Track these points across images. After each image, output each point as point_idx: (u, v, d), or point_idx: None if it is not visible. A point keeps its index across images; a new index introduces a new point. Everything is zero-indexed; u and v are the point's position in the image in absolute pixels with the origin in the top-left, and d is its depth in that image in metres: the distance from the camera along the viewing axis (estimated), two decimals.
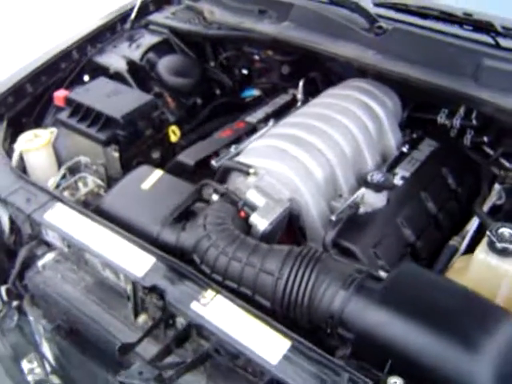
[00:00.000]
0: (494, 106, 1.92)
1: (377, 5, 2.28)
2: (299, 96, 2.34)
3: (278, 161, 1.83)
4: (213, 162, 1.97)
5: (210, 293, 1.54)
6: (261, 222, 1.68)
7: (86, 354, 1.84)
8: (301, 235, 1.86)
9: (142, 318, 1.63)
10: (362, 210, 1.81)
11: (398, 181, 1.93)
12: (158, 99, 2.25)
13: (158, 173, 1.87)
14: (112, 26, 2.52)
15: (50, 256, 1.88)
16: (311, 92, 2.33)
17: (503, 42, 2.07)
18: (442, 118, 2.23)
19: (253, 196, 1.73)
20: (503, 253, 1.54)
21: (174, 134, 2.17)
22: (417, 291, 1.49)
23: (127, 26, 2.51)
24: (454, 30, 2.15)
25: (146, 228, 1.72)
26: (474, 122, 2.15)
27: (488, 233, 1.56)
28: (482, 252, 1.58)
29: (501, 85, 1.94)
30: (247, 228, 1.71)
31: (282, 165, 1.82)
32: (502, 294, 1.57)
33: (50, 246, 1.91)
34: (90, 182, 2.09)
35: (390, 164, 2.02)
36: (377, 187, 1.78)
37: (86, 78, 2.40)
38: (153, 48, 2.44)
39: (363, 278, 1.51)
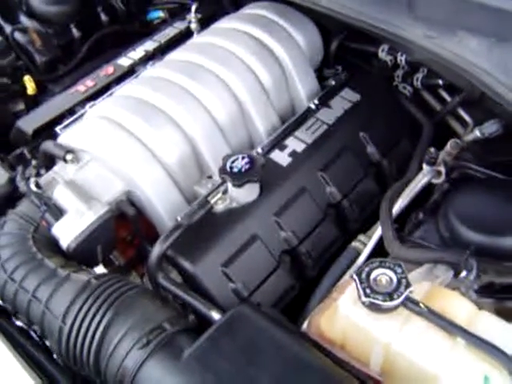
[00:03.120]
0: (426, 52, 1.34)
1: None
2: (193, 26, 1.77)
3: (109, 140, 1.35)
4: (58, 131, 1.53)
5: None
6: (64, 237, 1.25)
7: None
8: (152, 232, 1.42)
9: None
10: (220, 207, 1.33)
11: (284, 158, 1.41)
12: (20, 35, 1.78)
13: None
14: None
15: None
16: (214, 18, 1.76)
17: None
18: (383, 52, 1.63)
19: (61, 195, 1.29)
20: (374, 309, 1.05)
21: (29, 85, 1.71)
22: (231, 360, 1.03)
23: None
24: None
25: None
26: None
27: (355, 277, 1.06)
28: (347, 302, 1.09)
29: (441, 16, 1.34)
30: (54, 242, 1.29)
31: (114, 146, 1.35)
32: (374, 359, 1.09)
33: None
34: None
35: (286, 129, 1.48)
36: (236, 179, 1.28)
37: None
38: None
39: (173, 333, 1.09)
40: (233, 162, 1.29)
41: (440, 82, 1.57)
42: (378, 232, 1.33)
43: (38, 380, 1.14)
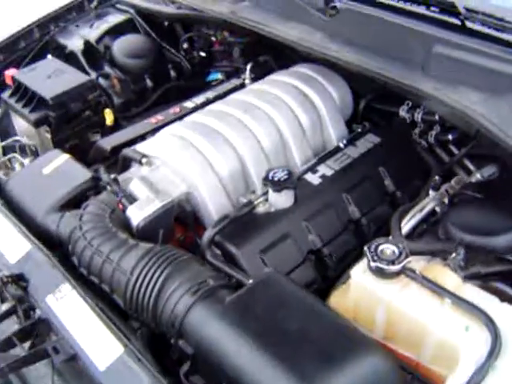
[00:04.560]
0: (437, 100, 1.67)
1: None
2: (247, 81, 2.17)
3: (177, 151, 1.70)
4: (124, 151, 1.88)
5: (66, 287, 1.46)
6: (135, 216, 1.56)
7: None
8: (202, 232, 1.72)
9: (5, 305, 1.57)
10: (261, 209, 1.63)
11: (315, 179, 1.73)
12: (103, 80, 2.18)
13: (63, 157, 1.79)
14: (79, 5, 2.47)
15: None
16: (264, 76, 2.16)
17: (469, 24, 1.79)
18: (403, 111, 1.98)
19: (136, 187, 1.62)
20: (379, 274, 1.33)
21: (108, 116, 2.09)
22: (268, 306, 1.30)
23: (93, 4, 2.44)
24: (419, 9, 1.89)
25: (33, 213, 1.66)
26: (437, 117, 1.90)
27: (365, 249, 1.34)
28: (358, 270, 1.37)
29: (447, 75, 1.69)
30: (126, 222, 1.60)
31: (181, 156, 1.69)
32: (379, 322, 1.35)
33: None
34: (25, 163, 2.06)
35: (317, 161, 1.81)
36: (276, 186, 1.59)
37: (49, 57, 2.37)
38: (115, 28, 2.37)
39: (217, 286, 1.36)
40: (274, 173, 1.61)
41: (450, 137, 1.90)
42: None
43: (123, 348, 1.31)
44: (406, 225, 1.61)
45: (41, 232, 1.61)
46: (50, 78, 2.07)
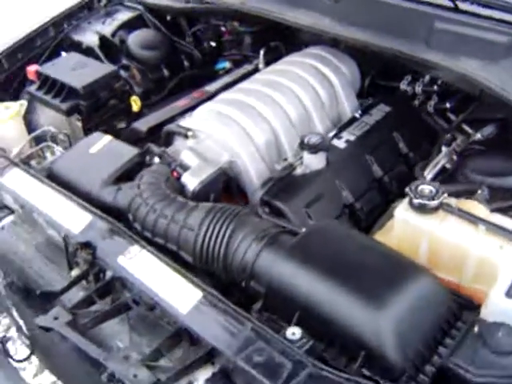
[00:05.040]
0: (445, 69, 1.90)
1: None
2: (260, 66, 2.37)
3: (218, 124, 1.87)
4: (168, 126, 2.04)
5: (135, 248, 1.60)
6: (191, 182, 1.73)
7: (36, 309, 1.93)
8: (242, 199, 1.89)
9: (75, 271, 1.70)
10: (299, 171, 1.83)
11: (341, 144, 1.94)
12: (123, 71, 2.33)
13: (106, 138, 1.94)
14: (89, 4, 2.62)
15: (8, 218, 1.99)
16: (276, 61, 2.35)
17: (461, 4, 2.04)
18: (404, 85, 2.21)
19: (187, 157, 1.79)
20: (421, 210, 1.53)
21: (135, 104, 2.24)
22: (328, 245, 1.50)
23: (103, 2, 2.59)
24: None
25: (88, 188, 1.80)
26: (436, 88, 2.14)
27: (407, 190, 1.55)
28: (401, 209, 1.57)
29: (449, 47, 1.92)
30: (180, 188, 1.76)
31: (222, 128, 1.86)
32: (422, 253, 1.56)
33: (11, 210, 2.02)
34: (56, 152, 2.18)
35: (339, 128, 2.02)
36: (312, 149, 1.79)
37: (63, 54, 2.49)
38: (126, 24, 2.52)
39: (277, 233, 1.54)
40: (309, 138, 1.81)
41: (448, 105, 2.15)
42: None
43: (201, 292, 1.46)
44: (427, 176, 1.84)
45: (97, 205, 1.74)
46: (75, 70, 2.21)
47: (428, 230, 1.53)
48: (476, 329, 1.33)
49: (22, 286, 1.94)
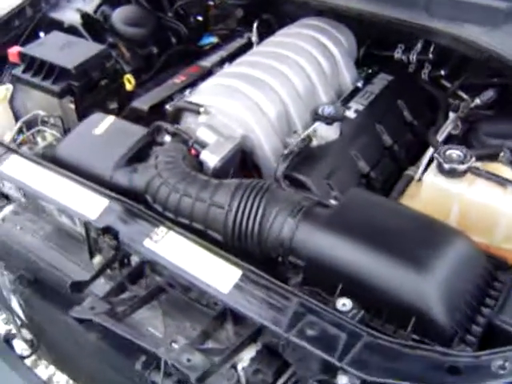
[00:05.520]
0: (448, 36, 1.91)
1: None
2: (254, 38, 2.32)
3: (229, 99, 1.83)
4: (167, 107, 1.97)
5: (162, 230, 1.54)
6: (211, 159, 1.69)
7: (50, 301, 1.85)
8: (256, 173, 1.86)
9: (97, 258, 1.64)
10: (315, 143, 1.81)
11: (351, 114, 1.93)
12: (112, 50, 2.23)
13: (110, 118, 1.86)
14: None
15: (8, 209, 1.89)
16: (267, 34, 2.31)
17: None
18: (398, 54, 2.23)
19: (203, 134, 1.74)
20: (451, 174, 1.55)
21: (129, 82, 2.16)
22: (364, 214, 1.49)
23: None
24: None
25: (100, 172, 1.72)
26: (431, 56, 2.16)
27: (436, 155, 1.57)
28: (430, 174, 1.59)
29: (450, 14, 1.94)
30: (199, 166, 1.72)
31: (233, 103, 1.82)
32: (453, 216, 1.58)
33: (9, 199, 1.92)
34: (48, 136, 2.08)
35: (345, 99, 2.02)
36: (327, 119, 1.78)
37: (42, 34, 2.37)
38: (107, 0, 2.42)
39: (311, 206, 1.52)
40: (323, 109, 1.79)
41: (442, 72, 2.17)
42: (426, 156, 1.86)
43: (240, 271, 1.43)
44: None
45: (110, 188, 1.67)
46: (63, 49, 2.10)
47: (458, 194, 1.55)
48: None
49: (33, 278, 1.86)
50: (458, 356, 1.25)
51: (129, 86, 2.16)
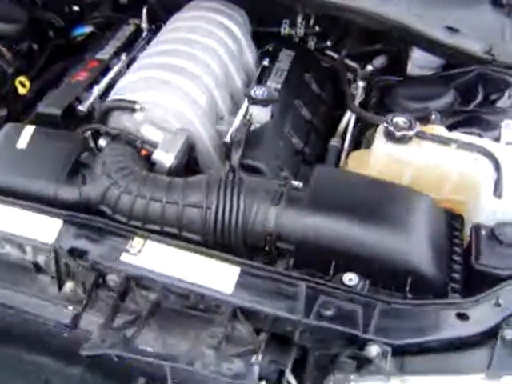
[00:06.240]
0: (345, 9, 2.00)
1: None
2: (144, 25, 2.20)
3: (161, 92, 1.74)
4: (80, 108, 1.81)
5: (137, 240, 1.45)
6: (166, 157, 1.61)
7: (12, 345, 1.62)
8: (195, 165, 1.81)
9: (68, 285, 1.47)
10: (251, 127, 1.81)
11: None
12: None
13: (29, 128, 1.65)
14: None
15: None
16: (153, 20, 2.22)
17: None
18: (285, 29, 2.28)
19: (148, 132, 1.65)
20: (401, 140, 1.66)
21: (22, 86, 1.93)
22: (338, 190, 1.56)
23: None
24: None
25: (39, 190, 1.54)
26: (317, 28, 2.25)
27: (385, 124, 1.66)
28: (380, 143, 1.69)
29: None
30: (150, 166, 1.63)
31: (166, 95, 1.74)
32: (405, 180, 1.69)
33: None
34: None
35: (259, 78, 2.03)
36: (263, 102, 1.78)
37: None
38: None
39: (288, 191, 1.53)
40: (255, 91, 1.78)
41: (328, 43, 2.29)
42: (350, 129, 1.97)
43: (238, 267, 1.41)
44: None
45: (58, 206, 1.52)
46: None
47: (408, 159, 1.67)
48: (484, 232, 1.53)
49: None
50: (462, 303, 1.39)
51: (22, 90, 1.93)
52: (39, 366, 1.60)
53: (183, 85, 1.76)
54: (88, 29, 2.32)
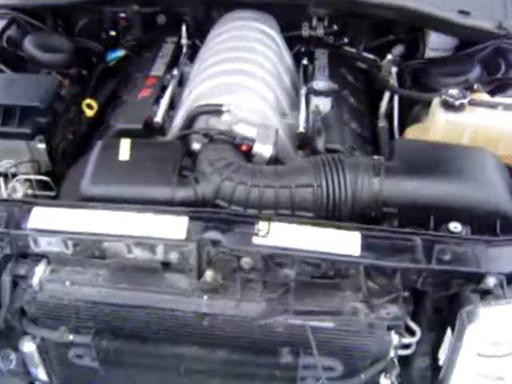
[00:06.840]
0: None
1: None
2: (184, 41, 2.34)
3: (240, 94, 1.88)
4: (156, 120, 1.93)
5: (262, 224, 1.57)
6: (265, 149, 1.76)
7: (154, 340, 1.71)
8: None
9: (209, 274, 1.58)
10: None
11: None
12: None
13: (125, 141, 1.75)
14: None
15: (40, 270, 1.65)
16: (189, 36, 2.36)
17: None
18: (305, 32, 2.47)
19: (243, 129, 1.78)
20: (459, 109, 1.88)
21: (89, 108, 2.01)
22: (423, 157, 1.76)
23: None
24: None
25: (156, 195, 1.64)
26: (335, 27, 2.46)
27: (442, 96, 1.88)
28: (441, 114, 1.90)
29: None
30: (249, 160, 1.77)
31: (246, 97, 1.88)
32: (465, 142, 1.90)
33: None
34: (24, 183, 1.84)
35: (306, 77, 2.21)
36: (325, 93, 1.96)
37: None
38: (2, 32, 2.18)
39: (383, 163, 1.71)
40: (317, 84, 1.96)
41: (346, 40, 2.50)
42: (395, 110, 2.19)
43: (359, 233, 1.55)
44: None
45: (177, 205, 1.63)
46: (11, 88, 1.86)
47: (466, 122, 1.89)
48: None
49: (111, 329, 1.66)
50: None
51: (90, 112, 2.01)
52: (178, 357, 1.71)
53: (254, 86, 1.92)
54: (121, 52, 2.43)
